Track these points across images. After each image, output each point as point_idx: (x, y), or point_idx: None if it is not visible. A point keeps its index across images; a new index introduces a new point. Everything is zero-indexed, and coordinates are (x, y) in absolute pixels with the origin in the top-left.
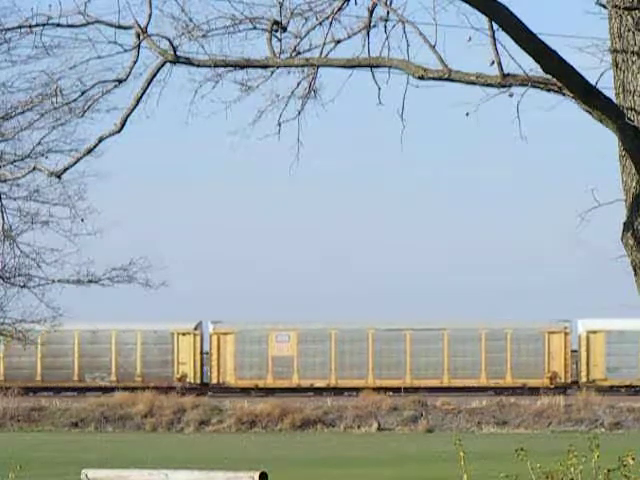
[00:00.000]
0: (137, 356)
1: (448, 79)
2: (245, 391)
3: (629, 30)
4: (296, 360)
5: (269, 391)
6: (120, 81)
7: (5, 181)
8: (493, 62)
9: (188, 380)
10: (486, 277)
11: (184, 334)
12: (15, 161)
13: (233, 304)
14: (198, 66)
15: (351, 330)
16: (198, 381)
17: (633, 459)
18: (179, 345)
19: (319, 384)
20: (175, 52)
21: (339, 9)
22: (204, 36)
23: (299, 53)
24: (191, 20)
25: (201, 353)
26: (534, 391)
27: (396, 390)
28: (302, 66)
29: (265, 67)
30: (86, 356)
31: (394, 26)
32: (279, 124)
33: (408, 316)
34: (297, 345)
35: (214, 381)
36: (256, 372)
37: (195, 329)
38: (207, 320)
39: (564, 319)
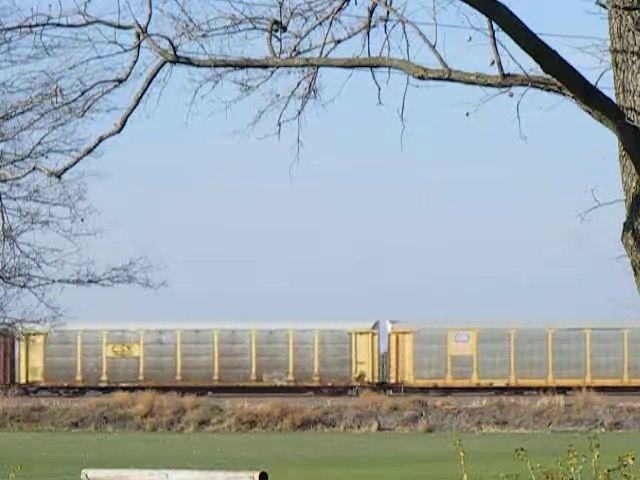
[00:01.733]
0: (315, 356)
1: (448, 79)
2: (424, 390)
3: (629, 30)
4: (475, 359)
5: (447, 390)
6: (120, 81)
7: (5, 181)
8: (493, 62)
9: (366, 379)
10: (484, 277)
11: (362, 333)
12: (15, 161)
13: (231, 304)
14: (198, 66)
15: (531, 329)
16: (376, 380)
17: (633, 459)
18: (357, 344)
19: (498, 383)
20: (175, 52)
21: (339, 9)
22: (204, 36)
23: (299, 53)
24: (191, 20)
25: (378, 352)
26: None
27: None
28: (302, 66)
29: (265, 67)
30: (263, 355)
31: (394, 26)
32: (279, 124)
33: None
34: (476, 344)
35: (392, 380)
36: (435, 371)
37: (373, 328)
38: (384, 320)
39: None
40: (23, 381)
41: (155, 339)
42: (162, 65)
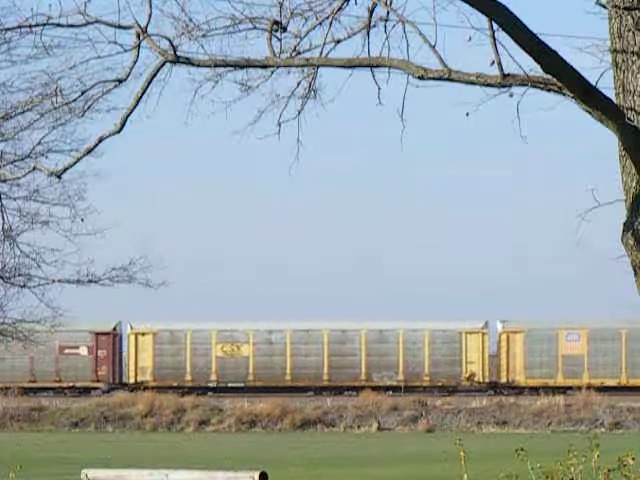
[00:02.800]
0: (425, 355)
1: (448, 79)
2: (534, 390)
3: (629, 30)
4: (586, 359)
5: (557, 390)
6: (120, 81)
7: (5, 181)
8: (493, 62)
9: (476, 379)
10: (485, 276)
11: (472, 333)
12: (15, 161)
13: (232, 304)
14: (198, 66)
15: None
16: (487, 380)
17: (633, 459)
18: (467, 344)
19: (609, 383)
20: (175, 52)
21: (339, 9)
22: (204, 36)
23: (299, 53)
24: (191, 20)
25: (489, 352)
26: None
27: None
28: (302, 66)
29: (265, 67)
30: (373, 355)
31: (394, 26)
32: (279, 124)
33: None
34: (587, 344)
35: (503, 380)
36: (546, 371)
37: (483, 328)
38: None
39: None
40: (132, 381)
41: (265, 339)
42: (162, 65)
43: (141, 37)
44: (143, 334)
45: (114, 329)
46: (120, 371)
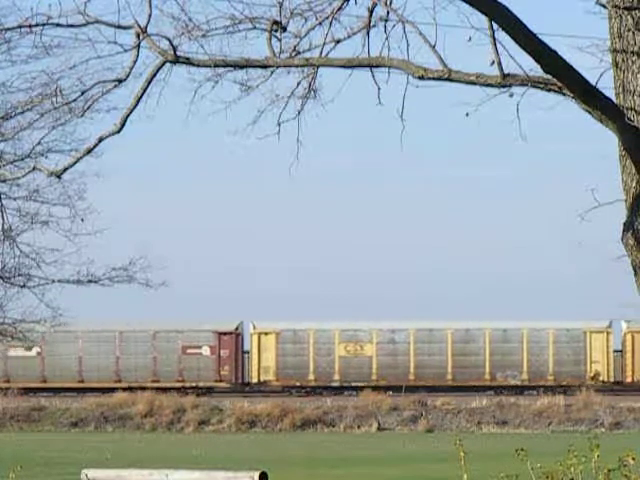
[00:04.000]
0: (549, 354)
1: (448, 79)
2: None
3: (629, 30)
4: None
5: None
6: (120, 81)
7: (5, 181)
8: (493, 62)
9: (601, 379)
10: (483, 275)
11: (597, 332)
12: (15, 161)
13: (233, 304)
14: (198, 66)
15: None
16: (612, 380)
17: (633, 459)
18: (591, 343)
19: None
20: (175, 52)
21: (339, 9)
22: (204, 36)
23: (299, 53)
24: (191, 20)
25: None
26: None
27: None
28: (302, 66)
29: (265, 67)
30: (497, 354)
31: (394, 26)
32: (279, 124)
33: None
34: None
35: (628, 380)
36: None
37: (608, 327)
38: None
39: None
40: (255, 381)
41: (388, 338)
42: (162, 65)
43: (141, 37)
44: (266, 334)
45: (236, 329)
46: (242, 371)
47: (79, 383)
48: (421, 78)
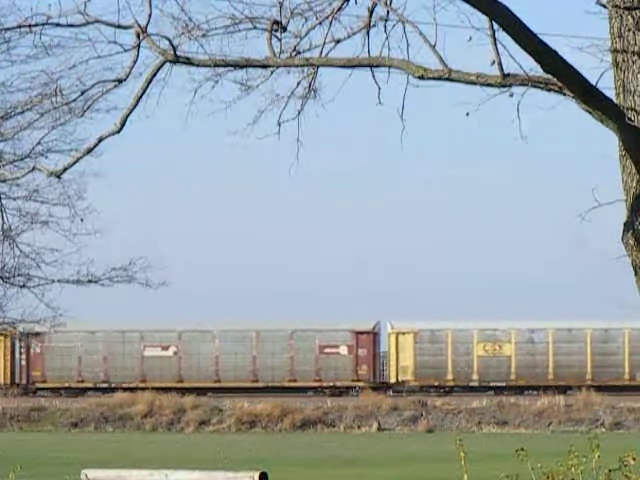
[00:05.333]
0: None
1: (448, 79)
2: None
3: (629, 30)
4: None
5: None
6: (120, 81)
7: (5, 181)
8: (493, 62)
9: None
10: (484, 275)
11: None
12: (15, 161)
13: (236, 304)
14: (198, 66)
15: None
16: None
17: (634, 459)
18: None
19: None
20: (175, 52)
21: (339, 9)
22: (204, 36)
23: (299, 53)
24: (191, 20)
25: None
26: None
27: None
28: (302, 66)
29: (265, 67)
30: (637, 354)
31: (394, 26)
32: (279, 124)
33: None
34: None
35: None
36: None
37: None
38: None
39: None
40: (393, 380)
41: (527, 338)
42: (162, 65)
43: (141, 37)
44: (404, 333)
45: (373, 328)
46: (379, 370)
47: (215, 383)
48: (421, 78)
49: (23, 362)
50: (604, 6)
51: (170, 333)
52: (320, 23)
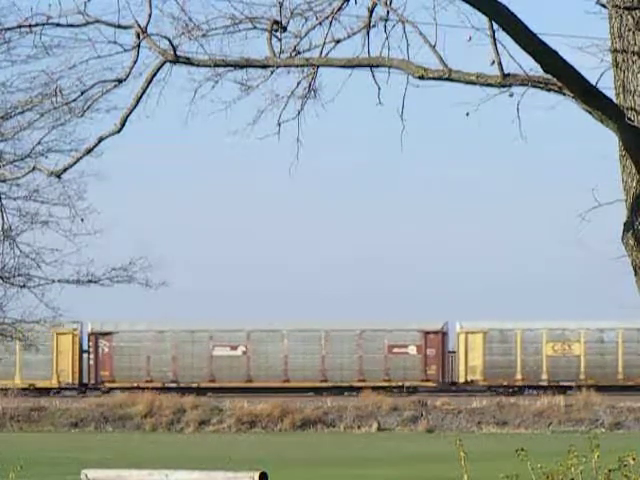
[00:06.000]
0: None
1: (448, 79)
2: None
3: (629, 30)
4: None
5: None
6: (120, 81)
7: (5, 181)
8: (493, 62)
9: None
10: (484, 275)
11: None
12: (15, 161)
13: (236, 303)
14: (198, 66)
15: None
16: None
17: (634, 459)
18: None
19: None
20: (175, 52)
21: (339, 9)
22: (204, 36)
23: (299, 53)
24: (191, 20)
25: None
26: None
27: None
28: (302, 66)
29: (265, 67)
30: None
31: (394, 26)
32: (279, 124)
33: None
34: None
35: None
36: None
37: None
38: None
39: None
40: (462, 380)
41: (596, 337)
42: (162, 65)
43: (141, 37)
44: (473, 333)
45: (442, 328)
46: (448, 370)
47: (284, 383)
48: (421, 78)
49: (91, 362)
50: (604, 6)
51: (239, 333)
52: (320, 23)
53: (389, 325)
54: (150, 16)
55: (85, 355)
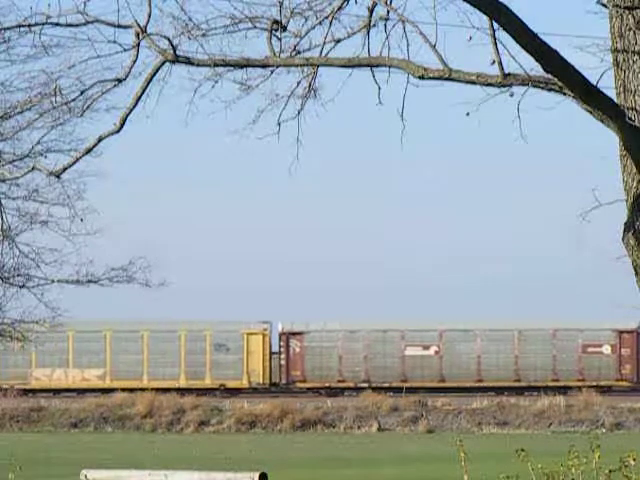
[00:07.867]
0: None
1: (448, 79)
2: None
3: (630, 29)
4: None
5: None
6: (119, 80)
7: (4, 181)
8: (494, 62)
9: None
10: (485, 276)
11: None
12: (14, 161)
13: (237, 303)
14: (198, 65)
15: None
16: None
17: (634, 459)
18: None
19: None
20: (175, 51)
21: (339, 8)
22: (204, 35)
23: (299, 52)
24: (190, 19)
25: None
26: None
27: None
28: (302, 65)
29: (265, 66)
30: None
31: (394, 25)
32: (279, 124)
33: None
34: None
35: None
36: None
37: None
38: None
39: None
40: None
41: None
42: (162, 65)
43: (140, 36)
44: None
45: (638, 327)
46: None
47: (477, 382)
48: (421, 78)
49: (282, 362)
50: (605, 5)
51: (431, 332)
52: (320, 23)
53: (582, 324)
54: (150, 16)
55: (275, 355)
